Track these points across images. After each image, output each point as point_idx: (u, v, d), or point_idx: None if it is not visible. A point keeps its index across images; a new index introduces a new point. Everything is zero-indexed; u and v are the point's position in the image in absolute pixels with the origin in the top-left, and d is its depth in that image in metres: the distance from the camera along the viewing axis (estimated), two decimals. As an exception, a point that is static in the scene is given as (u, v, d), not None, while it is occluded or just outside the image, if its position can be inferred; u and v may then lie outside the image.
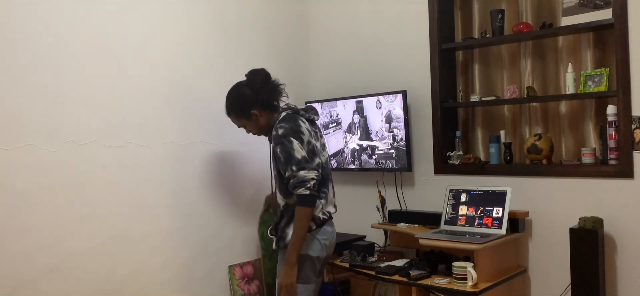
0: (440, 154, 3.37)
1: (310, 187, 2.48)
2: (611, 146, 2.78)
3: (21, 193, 2.47)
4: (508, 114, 3.34)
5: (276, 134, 2.55)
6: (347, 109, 3.59)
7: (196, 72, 3.18)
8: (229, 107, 2.74)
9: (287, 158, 2.51)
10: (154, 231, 2.95)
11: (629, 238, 2.75)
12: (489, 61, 3.39)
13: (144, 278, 2.90)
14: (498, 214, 2.92)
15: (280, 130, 2.54)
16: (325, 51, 3.89)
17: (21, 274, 2.46)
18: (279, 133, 2.54)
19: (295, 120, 2.60)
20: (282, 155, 2.52)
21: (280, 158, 2.54)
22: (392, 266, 3.01)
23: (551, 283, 2.97)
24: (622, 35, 2.71)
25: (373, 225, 3.45)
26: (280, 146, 2.53)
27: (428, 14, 3.37)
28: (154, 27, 2.98)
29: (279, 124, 2.57)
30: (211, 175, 3.20)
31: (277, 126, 2.58)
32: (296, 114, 2.66)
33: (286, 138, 2.53)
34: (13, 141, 2.45)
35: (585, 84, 2.91)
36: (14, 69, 2.46)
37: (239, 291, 3.28)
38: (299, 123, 2.60)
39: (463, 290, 2.68)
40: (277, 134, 2.55)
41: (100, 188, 2.74)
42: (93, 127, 2.71)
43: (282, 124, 2.57)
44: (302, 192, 2.48)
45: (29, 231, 2.49)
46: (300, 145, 2.53)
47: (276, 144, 2.55)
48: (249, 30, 3.48)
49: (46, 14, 2.56)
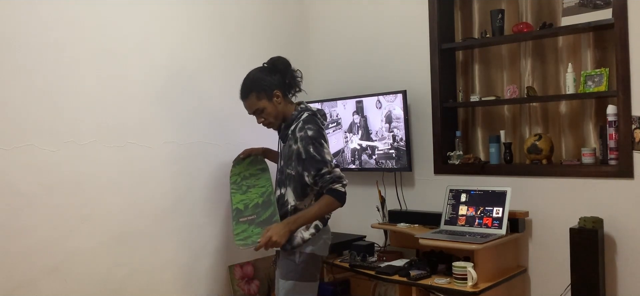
0: (440, 154, 3.37)
1: (345, 185, 2.53)
2: (611, 146, 2.78)
3: (21, 193, 2.47)
4: (508, 114, 3.34)
5: (305, 135, 2.53)
6: (347, 109, 3.59)
7: (196, 72, 3.18)
8: (250, 86, 2.62)
9: (320, 159, 2.51)
10: (154, 231, 2.95)
11: (629, 238, 2.75)
12: (489, 61, 3.39)
13: (144, 278, 2.90)
14: (498, 214, 2.92)
15: (310, 131, 2.54)
16: (325, 51, 3.89)
17: (21, 274, 2.46)
18: (309, 134, 2.53)
19: (319, 124, 2.61)
20: (316, 153, 2.51)
21: (314, 156, 2.51)
22: (392, 266, 3.01)
23: (551, 283, 2.97)
24: (622, 35, 2.71)
25: (373, 225, 3.45)
26: (312, 146, 2.51)
27: (428, 14, 3.37)
28: (154, 27, 2.98)
29: (307, 125, 2.55)
30: (211, 175, 3.20)
31: (303, 127, 2.55)
32: (315, 116, 2.64)
33: (318, 140, 2.53)
34: (13, 141, 2.45)
35: (585, 84, 2.91)
36: (14, 69, 2.46)
37: (239, 291, 3.28)
38: (321, 127, 2.62)
39: (463, 290, 2.69)
40: (306, 135, 2.53)
41: (100, 188, 2.74)
42: (93, 127, 2.71)
43: (310, 126, 2.55)
44: (340, 188, 2.52)
45: (29, 231, 2.49)
46: (329, 149, 2.59)
47: (306, 144, 2.52)
48: (249, 31, 3.48)
49: (46, 14, 2.56)
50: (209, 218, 3.20)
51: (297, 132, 2.57)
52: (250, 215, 2.72)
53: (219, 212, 3.23)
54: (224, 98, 3.25)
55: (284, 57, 2.71)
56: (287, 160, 2.63)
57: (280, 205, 2.66)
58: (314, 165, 2.51)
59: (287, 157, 2.63)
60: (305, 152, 2.52)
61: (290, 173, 2.61)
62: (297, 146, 2.55)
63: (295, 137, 2.57)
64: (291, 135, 2.61)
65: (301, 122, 2.58)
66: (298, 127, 2.58)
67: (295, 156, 2.57)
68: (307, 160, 2.52)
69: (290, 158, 2.60)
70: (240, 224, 2.72)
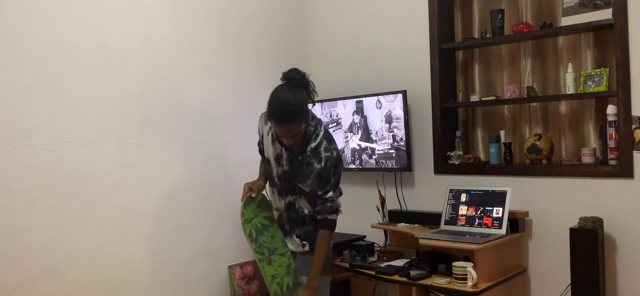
0: (440, 154, 3.37)
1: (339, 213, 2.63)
2: (611, 146, 2.78)
3: (21, 193, 2.47)
4: (508, 114, 3.34)
5: (331, 156, 2.54)
6: (347, 109, 3.59)
7: (196, 72, 3.18)
8: (297, 111, 2.45)
9: (336, 182, 2.57)
10: (154, 231, 2.95)
11: (629, 238, 2.75)
12: (489, 61, 3.39)
13: (144, 278, 2.90)
14: (498, 214, 2.92)
15: (335, 152, 2.56)
16: (325, 50, 3.89)
17: (21, 274, 2.46)
18: (334, 155, 2.56)
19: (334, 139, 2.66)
20: (333, 178, 2.55)
21: (329, 179, 2.55)
22: (392, 266, 3.01)
23: (551, 283, 2.97)
24: (622, 35, 2.71)
25: (373, 225, 3.45)
26: (334, 169, 2.55)
27: (428, 14, 3.37)
28: (154, 27, 2.98)
29: (332, 146, 2.58)
30: (211, 175, 3.20)
31: (329, 147, 2.56)
32: (327, 129, 2.65)
33: (340, 162, 2.59)
34: (13, 141, 2.45)
35: (585, 84, 2.91)
36: (14, 69, 2.46)
37: (239, 291, 3.28)
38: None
39: (463, 290, 2.68)
40: (331, 155, 2.55)
41: (100, 188, 2.74)
42: (93, 127, 2.72)
43: (335, 146, 2.59)
44: (334, 218, 2.61)
45: (29, 231, 2.49)
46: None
47: (331, 165, 2.54)
48: (249, 30, 3.48)
49: (46, 14, 2.56)
50: (209, 218, 3.20)
51: (322, 152, 2.56)
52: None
53: (218, 212, 3.23)
54: (224, 98, 3.25)
55: (301, 70, 2.57)
56: (302, 177, 2.59)
57: (293, 210, 2.67)
58: (327, 188, 2.56)
59: (303, 174, 2.59)
60: (327, 175, 2.55)
61: (303, 189, 2.60)
62: (321, 166, 2.55)
63: (319, 156, 2.55)
64: (311, 153, 2.57)
65: (324, 141, 2.57)
66: (322, 146, 2.56)
67: (317, 176, 2.56)
68: (326, 182, 2.56)
69: (307, 175, 2.57)
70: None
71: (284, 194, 2.68)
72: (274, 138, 2.64)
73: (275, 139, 2.63)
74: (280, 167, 2.66)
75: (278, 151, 2.66)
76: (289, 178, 2.64)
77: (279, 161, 2.67)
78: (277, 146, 2.65)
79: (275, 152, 2.67)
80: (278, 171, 2.68)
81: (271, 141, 2.66)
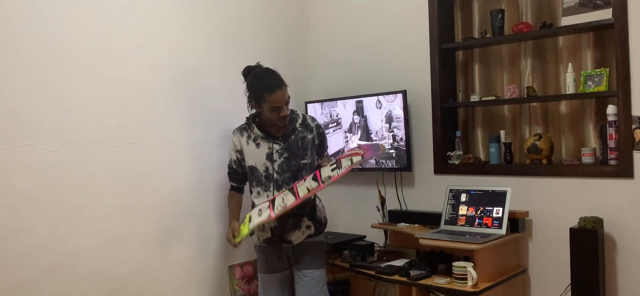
0: (440, 154, 3.37)
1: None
2: (611, 146, 2.78)
3: (21, 193, 2.47)
4: (508, 114, 3.34)
5: (318, 123, 2.91)
6: (347, 109, 3.59)
7: (196, 71, 3.17)
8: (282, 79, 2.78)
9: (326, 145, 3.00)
10: (154, 231, 2.95)
11: (629, 238, 2.75)
12: (489, 60, 3.39)
13: (144, 278, 2.90)
14: (498, 214, 2.92)
15: (317, 121, 2.93)
16: (325, 50, 3.89)
17: (21, 274, 2.46)
18: (321, 124, 2.95)
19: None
20: (325, 141, 2.96)
21: (324, 141, 2.94)
22: (392, 266, 3.01)
23: (551, 283, 2.97)
24: (622, 35, 2.71)
25: (373, 225, 3.45)
26: (324, 132, 2.96)
27: (428, 13, 3.37)
28: (154, 26, 2.97)
29: (312, 119, 2.91)
30: (211, 175, 3.20)
31: (312, 118, 2.93)
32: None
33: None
34: (14, 141, 2.45)
35: (585, 84, 2.91)
36: (14, 69, 2.45)
37: (239, 291, 3.28)
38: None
39: (463, 290, 2.69)
40: (318, 122, 2.92)
41: (100, 188, 2.74)
42: (93, 127, 2.71)
43: (314, 118, 2.96)
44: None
45: (30, 231, 2.49)
46: None
47: (322, 129, 2.92)
48: (249, 30, 3.48)
49: (46, 14, 2.56)
50: (209, 217, 3.20)
51: (310, 123, 2.86)
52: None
53: (218, 212, 3.23)
54: (223, 98, 3.25)
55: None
56: (302, 152, 2.80)
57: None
58: (325, 149, 2.93)
59: (302, 149, 2.80)
60: (322, 138, 2.91)
61: (306, 163, 2.80)
62: (314, 135, 2.85)
63: (309, 127, 2.85)
64: (301, 127, 2.82)
65: (305, 116, 2.90)
66: (307, 119, 2.88)
67: (311, 144, 2.83)
68: (323, 143, 2.92)
69: (306, 148, 2.81)
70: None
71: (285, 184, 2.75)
72: (259, 141, 2.80)
73: (262, 139, 2.79)
74: (275, 162, 2.76)
75: (268, 149, 2.78)
76: (289, 164, 2.76)
77: (272, 157, 2.77)
78: (265, 145, 2.79)
79: (266, 151, 2.79)
80: (274, 167, 2.76)
81: (256, 145, 2.81)
